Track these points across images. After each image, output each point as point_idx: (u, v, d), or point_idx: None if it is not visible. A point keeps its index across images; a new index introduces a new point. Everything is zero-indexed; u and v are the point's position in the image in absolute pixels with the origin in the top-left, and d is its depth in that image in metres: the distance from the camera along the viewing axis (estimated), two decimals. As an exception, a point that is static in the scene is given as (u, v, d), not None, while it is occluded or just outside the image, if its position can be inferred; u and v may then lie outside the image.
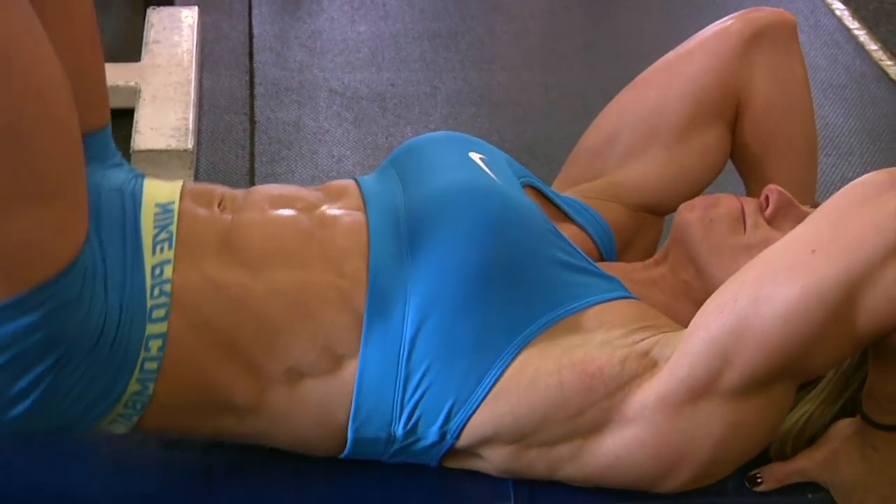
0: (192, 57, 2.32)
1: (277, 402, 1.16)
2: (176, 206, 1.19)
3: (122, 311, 1.12)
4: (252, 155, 2.17)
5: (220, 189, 1.26)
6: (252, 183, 2.09)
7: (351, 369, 1.15)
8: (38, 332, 1.07)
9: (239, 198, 1.24)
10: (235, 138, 2.22)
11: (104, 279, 1.13)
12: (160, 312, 1.13)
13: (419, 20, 2.67)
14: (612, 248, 1.40)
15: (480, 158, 1.29)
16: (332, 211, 1.23)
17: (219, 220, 1.20)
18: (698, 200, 1.30)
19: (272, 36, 2.57)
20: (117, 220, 1.17)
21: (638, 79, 1.47)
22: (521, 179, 1.35)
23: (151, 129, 2.10)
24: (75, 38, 1.24)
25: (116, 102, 2.12)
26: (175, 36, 2.38)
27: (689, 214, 1.28)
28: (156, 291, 1.13)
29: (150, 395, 1.14)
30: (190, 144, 2.07)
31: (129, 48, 2.38)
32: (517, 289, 1.15)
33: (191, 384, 1.15)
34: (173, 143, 2.07)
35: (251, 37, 2.55)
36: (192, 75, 2.27)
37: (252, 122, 2.26)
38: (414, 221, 1.20)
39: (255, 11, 2.64)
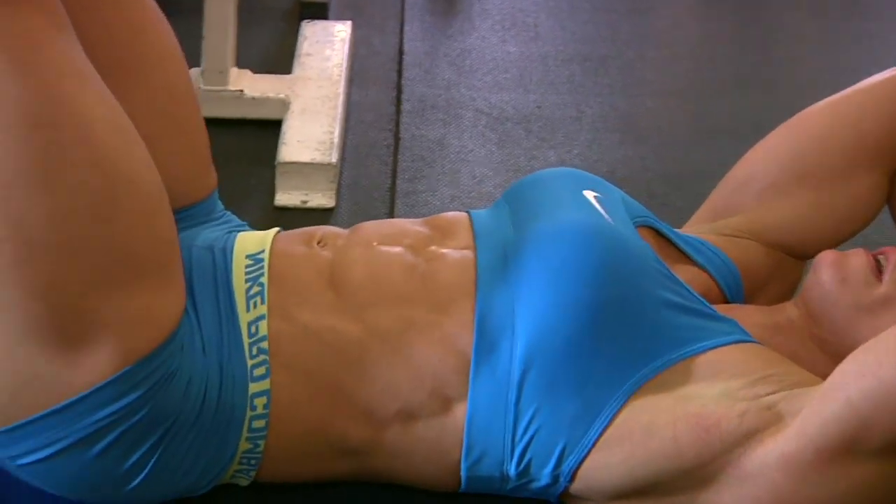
0: (341, 71, 2.32)
1: (392, 442, 1.16)
2: (266, 254, 1.18)
3: (223, 375, 1.13)
4: (394, 171, 2.16)
5: (321, 229, 1.25)
6: (392, 199, 2.09)
7: (461, 411, 1.14)
8: (143, 409, 1.07)
9: (342, 235, 1.23)
10: (379, 154, 2.21)
11: (201, 344, 1.13)
12: (261, 371, 1.13)
13: (570, 43, 2.64)
14: (738, 289, 1.35)
15: (595, 197, 1.28)
16: (440, 249, 1.21)
17: (318, 256, 1.19)
18: (827, 261, 1.24)
19: (422, 53, 2.56)
20: (209, 279, 1.17)
21: (796, 116, 1.43)
22: (638, 219, 1.32)
23: (298, 141, 2.11)
24: (178, 112, 1.27)
25: (266, 113, 2.23)
26: (327, 49, 2.39)
27: (821, 276, 1.24)
28: (254, 350, 1.13)
29: (262, 451, 1.14)
30: (334, 158, 2.07)
31: (283, 60, 2.39)
32: (626, 331, 1.13)
33: (302, 435, 1.15)
34: (318, 157, 2.07)
35: (401, 53, 2.55)
36: (341, 89, 2.26)
37: (396, 138, 2.25)
38: (522, 260, 1.17)
39: (406, 28, 2.64)
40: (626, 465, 1.12)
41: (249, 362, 1.13)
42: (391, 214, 2.04)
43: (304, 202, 2.05)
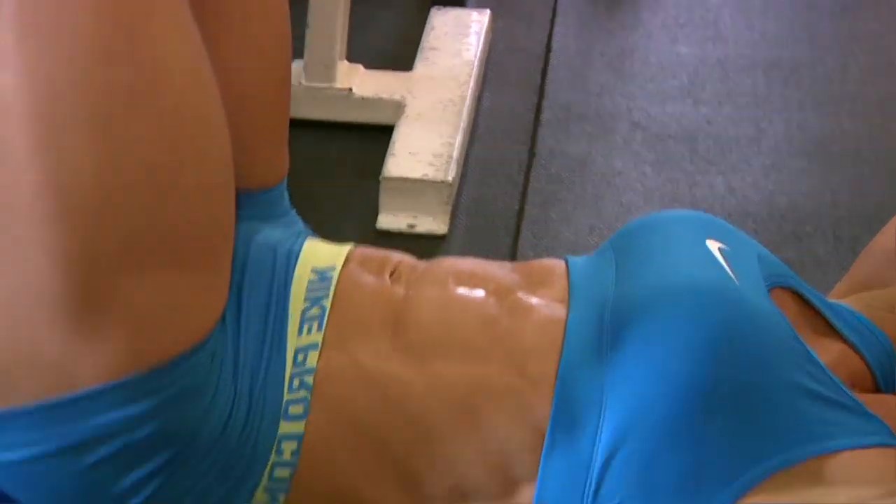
0: (472, 70, 2.16)
1: None
2: (335, 274, 1.11)
3: (252, 404, 1.05)
4: (524, 194, 1.98)
5: (397, 256, 1.18)
6: (518, 228, 1.91)
7: (525, 497, 1.05)
8: (150, 424, 0.99)
9: (419, 268, 1.16)
10: (508, 172, 2.03)
11: (235, 362, 1.06)
12: (297, 409, 1.05)
13: (757, 46, 2.42)
14: (893, 375, 1.22)
15: (719, 249, 1.17)
16: (527, 299, 1.13)
17: (387, 292, 1.12)
18: None
19: (574, 51, 2.38)
20: (264, 285, 1.10)
21: None
22: (774, 280, 1.20)
23: (409, 153, 1.94)
24: (268, 77, 1.21)
25: (377, 118, 2.07)
26: (457, 43, 2.22)
27: None
28: (295, 383, 1.05)
29: None
30: (450, 176, 1.89)
31: (404, 54, 2.24)
32: (743, 420, 1.03)
33: (331, 497, 1.08)
34: (430, 173, 1.90)
35: (548, 50, 2.37)
36: (469, 92, 2.10)
37: (531, 153, 2.07)
38: (621, 321, 1.08)
39: (558, 20, 2.46)
40: None
41: (286, 396, 1.05)
42: (514, 246, 1.88)
43: (412, 226, 1.88)
